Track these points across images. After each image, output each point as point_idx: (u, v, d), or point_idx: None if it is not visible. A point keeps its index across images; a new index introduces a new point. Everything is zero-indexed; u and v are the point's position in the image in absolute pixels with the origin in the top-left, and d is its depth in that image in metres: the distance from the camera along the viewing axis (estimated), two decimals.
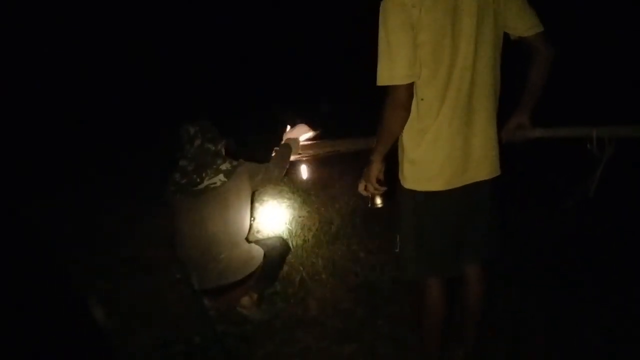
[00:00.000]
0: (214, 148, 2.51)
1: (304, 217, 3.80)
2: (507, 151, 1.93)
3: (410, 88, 1.68)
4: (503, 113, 1.89)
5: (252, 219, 2.85)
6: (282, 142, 2.76)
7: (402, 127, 1.78)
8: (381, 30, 1.64)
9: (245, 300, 2.72)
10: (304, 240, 3.48)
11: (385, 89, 1.69)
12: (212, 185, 2.45)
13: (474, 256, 2.07)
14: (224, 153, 2.59)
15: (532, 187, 3.85)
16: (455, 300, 2.22)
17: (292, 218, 3.77)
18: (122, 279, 3.17)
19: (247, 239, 2.69)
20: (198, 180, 2.45)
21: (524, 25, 1.77)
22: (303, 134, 2.80)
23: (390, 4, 1.61)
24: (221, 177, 2.46)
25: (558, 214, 3.45)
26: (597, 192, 2.08)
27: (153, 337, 2.60)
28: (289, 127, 2.85)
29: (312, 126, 2.84)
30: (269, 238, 3.34)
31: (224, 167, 2.48)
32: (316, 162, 3.25)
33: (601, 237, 3.20)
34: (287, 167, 2.70)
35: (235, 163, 2.53)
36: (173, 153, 2.63)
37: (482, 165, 1.83)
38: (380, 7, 1.64)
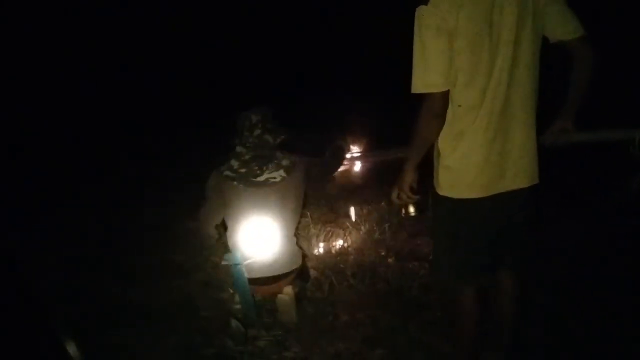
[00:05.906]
0: (272, 141, 2.56)
1: (332, 222, 3.79)
2: (547, 156, 1.90)
3: (445, 95, 1.66)
4: (543, 117, 1.85)
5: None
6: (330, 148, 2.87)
7: (437, 135, 1.76)
8: (416, 36, 1.62)
9: (287, 290, 2.72)
10: (332, 246, 3.48)
11: (420, 96, 1.68)
12: (272, 180, 2.52)
13: (509, 265, 2.04)
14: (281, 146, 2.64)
15: (569, 192, 3.75)
16: (488, 307, 2.19)
17: (320, 223, 3.76)
18: (151, 284, 3.18)
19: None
20: (258, 172, 2.51)
21: (564, 29, 1.73)
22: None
23: (426, 10, 1.58)
24: (281, 172, 2.53)
25: (596, 219, 3.36)
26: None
27: (183, 340, 2.62)
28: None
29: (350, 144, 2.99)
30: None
31: (284, 162, 2.55)
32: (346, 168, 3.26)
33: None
34: (339, 167, 2.80)
35: (294, 159, 2.60)
36: (224, 144, 2.69)
37: (520, 172, 1.80)
38: (416, 13, 1.61)
